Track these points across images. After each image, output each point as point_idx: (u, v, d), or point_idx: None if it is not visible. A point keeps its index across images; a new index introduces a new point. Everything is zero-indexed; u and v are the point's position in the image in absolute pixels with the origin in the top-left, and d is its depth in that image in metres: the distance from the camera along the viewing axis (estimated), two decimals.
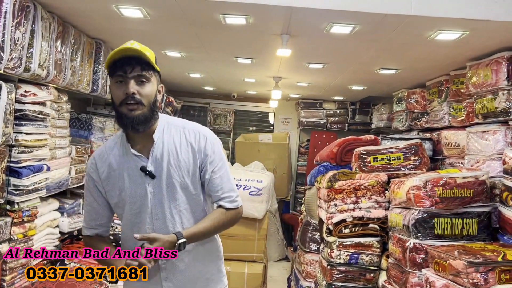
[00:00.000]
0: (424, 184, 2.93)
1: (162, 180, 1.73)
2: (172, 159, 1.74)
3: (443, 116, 4.06)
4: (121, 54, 1.61)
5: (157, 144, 1.74)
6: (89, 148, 3.72)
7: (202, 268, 1.88)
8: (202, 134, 1.80)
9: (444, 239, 2.87)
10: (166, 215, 1.76)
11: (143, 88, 1.64)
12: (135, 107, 1.62)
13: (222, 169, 1.81)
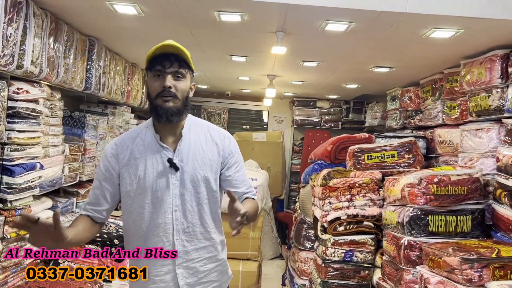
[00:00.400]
0: (419, 181, 2.94)
1: (186, 173, 1.80)
2: (198, 155, 1.82)
3: (437, 114, 4.08)
4: (162, 50, 1.70)
5: (185, 139, 1.82)
6: (82, 147, 3.69)
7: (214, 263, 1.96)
8: (226, 135, 1.95)
9: (438, 236, 2.88)
10: (187, 207, 1.81)
11: (178, 83, 1.74)
12: (170, 100, 1.72)
13: (243, 168, 1.97)
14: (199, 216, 1.85)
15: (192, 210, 1.83)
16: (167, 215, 1.81)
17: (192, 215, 1.83)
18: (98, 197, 1.86)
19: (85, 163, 3.76)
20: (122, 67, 4.48)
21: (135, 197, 1.81)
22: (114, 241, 3.37)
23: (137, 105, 5.26)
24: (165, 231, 1.84)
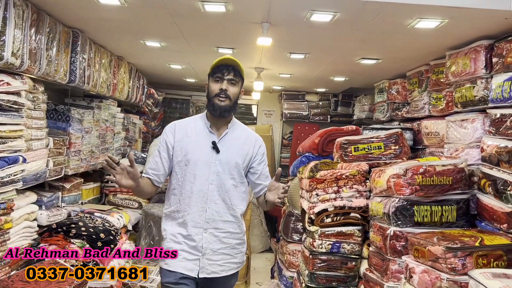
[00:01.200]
0: (404, 172, 2.95)
1: (224, 156, 2.27)
2: (236, 145, 2.31)
3: (423, 106, 4.10)
4: (223, 62, 2.27)
5: (229, 132, 2.32)
6: (67, 140, 3.64)
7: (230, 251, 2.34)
8: (259, 139, 2.43)
9: (423, 226, 2.90)
10: (220, 183, 2.25)
11: (232, 88, 2.26)
12: (224, 99, 2.22)
13: (267, 167, 2.44)
14: (227, 194, 2.27)
15: (224, 187, 2.26)
16: (204, 186, 2.23)
17: (225, 190, 2.26)
18: (157, 163, 2.29)
19: (70, 157, 3.72)
20: (107, 60, 4.42)
21: (183, 167, 2.25)
22: (100, 235, 3.34)
23: (124, 99, 5.21)
24: (201, 198, 2.23)
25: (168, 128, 2.35)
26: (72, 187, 3.91)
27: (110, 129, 4.73)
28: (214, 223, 2.25)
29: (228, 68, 2.26)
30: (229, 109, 2.26)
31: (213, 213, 2.25)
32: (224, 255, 2.30)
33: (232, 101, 2.26)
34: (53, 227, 3.26)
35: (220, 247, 2.28)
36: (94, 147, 4.23)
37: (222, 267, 2.31)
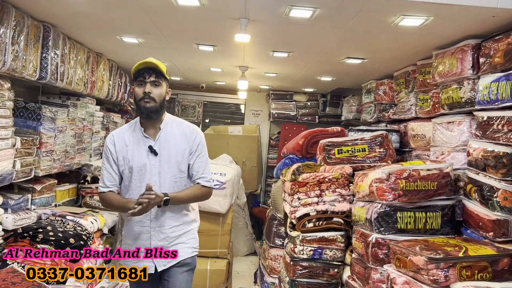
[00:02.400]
0: (387, 176, 2.82)
1: (162, 157, 2.38)
2: (172, 144, 2.41)
3: (410, 107, 3.98)
4: (143, 65, 2.35)
5: (163, 131, 2.41)
6: (37, 140, 3.47)
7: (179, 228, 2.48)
8: (195, 130, 2.50)
9: (407, 233, 2.78)
10: (162, 183, 2.38)
11: (156, 89, 2.35)
12: (149, 101, 2.32)
13: (204, 157, 2.49)
14: (169, 191, 2.36)
15: (166, 185, 2.38)
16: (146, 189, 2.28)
17: (167, 190, 2.35)
18: (112, 174, 2.43)
19: (41, 157, 3.55)
20: (84, 56, 4.25)
21: (127, 174, 2.40)
22: (70, 240, 3.18)
23: (104, 97, 5.04)
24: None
25: (108, 140, 2.47)
26: (44, 189, 3.74)
27: (88, 128, 4.56)
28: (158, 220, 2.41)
29: (149, 71, 2.34)
30: (155, 110, 2.34)
31: (157, 212, 2.39)
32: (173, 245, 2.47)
33: (157, 102, 2.35)
34: (19, 232, 3.09)
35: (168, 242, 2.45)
36: (69, 147, 4.06)
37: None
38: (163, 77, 2.39)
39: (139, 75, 2.35)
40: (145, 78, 2.33)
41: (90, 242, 3.41)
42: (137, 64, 2.36)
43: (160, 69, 2.36)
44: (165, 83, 2.41)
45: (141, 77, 2.34)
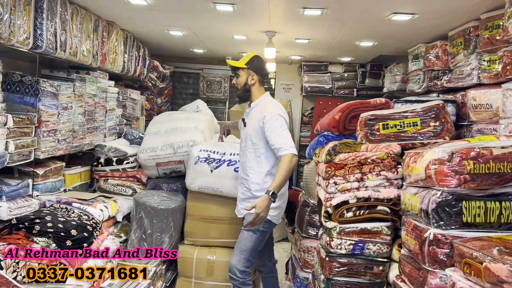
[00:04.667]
0: (450, 156, 2.22)
1: (246, 128, 3.05)
2: (252, 119, 3.01)
3: (470, 72, 3.30)
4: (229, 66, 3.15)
5: (252, 109, 3.06)
6: (35, 118, 3.06)
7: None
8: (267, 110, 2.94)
9: (475, 228, 2.19)
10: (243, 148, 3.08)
11: (236, 80, 3.08)
12: (237, 90, 3.11)
13: (276, 131, 2.86)
14: (245, 158, 3.02)
15: (245, 152, 3.04)
16: (240, 152, 3.14)
17: (243, 155, 3.05)
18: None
19: (42, 138, 3.15)
20: (91, 24, 3.80)
21: None
22: (71, 232, 2.78)
23: (119, 71, 4.61)
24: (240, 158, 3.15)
25: None
26: (48, 173, 3.36)
27: (101, 105, 4.15)
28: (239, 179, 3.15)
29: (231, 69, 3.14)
30: (239, 95, 3.11)
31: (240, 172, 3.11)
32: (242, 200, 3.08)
33: (241, 90, 3.06)
34: (13, 223, 2.71)
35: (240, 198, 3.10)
36: (77, 125, 3.65)
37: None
38: (239, 69, 3.02)
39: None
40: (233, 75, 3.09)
41: (96, 233, 3.02)
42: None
43: (235, 65, 3.04)
44: (243, 72, 3.02)
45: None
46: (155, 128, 4.24)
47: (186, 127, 4.13)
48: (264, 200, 2.68)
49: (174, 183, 4.03)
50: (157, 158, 4.01)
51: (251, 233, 2.92)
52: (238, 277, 2.90)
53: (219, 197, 3.63)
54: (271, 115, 2.88)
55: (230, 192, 3.52)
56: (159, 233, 3.56)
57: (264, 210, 2.67)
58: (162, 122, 4.33)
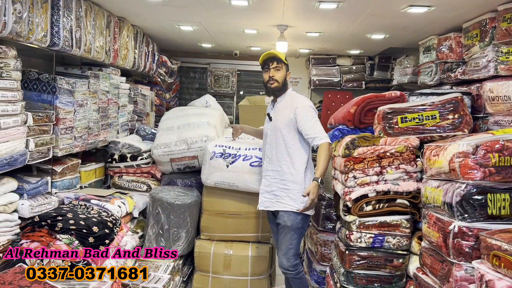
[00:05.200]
0: (474, 149, 2.22)
1: (274, 122, 3.07)
2: (280, 114, 3.04)
3: (486, 64, 3.29)
4: (267, 56, 3.06)
5: (279, 103, 3.10)
6: (53, 115, 3.07)
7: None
8: (299, 102, 3.03)
9: (501, 221, 2.20)
10: (271, 142, 3.05)
11: (277, 73, 3.03)
12: (273, 83, 3.03)
13: (310, 121, 2.95)
14: (276, 150, 3.03)
15: (273, 145, 3.05)
16: (266, 145, 3.12)
17: (272, 148, 3.05)
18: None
19: (60, 135, 3.16)
20: (104, 20, 3.79)
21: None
22: (93, 229, 2.79)
23: (130, 67, 4.60)
24: (265, 153, 3.13)
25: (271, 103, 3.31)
26: (65, 170, 3.37)
27: (113, 102, 4.14)
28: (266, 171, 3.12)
29: (271, 59, 3.04)
30: (278, 90, 3.06)
31: (267, 163, 3.08)
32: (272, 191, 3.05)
33: (280, 83, 3.04)
34: (36, 220, 2.73)
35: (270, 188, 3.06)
36: (92, 122, 3.65)
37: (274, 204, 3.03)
38: (282, 63, 3.03)
39: (264, 64, 3.05)
40: (269, 66, 3.02)
41: (116, 230, 3.03)
42: (262, 56, 3.06)
43: (279, 57, 3.03)
44: (284, 67, 3.05)
45: (266, 65, 3.04)
46: (168, 124, 4.23)
47: (199, 122, 4.13)
48: (316, 186, 2.79)
49: (189, 179, 4.04)
50: (171, 154, 4.01)
51: (292, 233, 2.95)
52: (292, 271, 2.99)
53: (235, 192, 3.64)
54: (303, 106, 2.96)
55: (246, 187, 3.53)
56: (176, 229, 3.57)
57: (316, 195, 2.80)
58: (174, 118, 4.32)
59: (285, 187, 2.97)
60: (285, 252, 2.96)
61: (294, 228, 2.91)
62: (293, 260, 2.97)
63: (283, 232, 2.95)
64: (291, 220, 2.91)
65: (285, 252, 2.96)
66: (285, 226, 2.93)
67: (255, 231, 3.70)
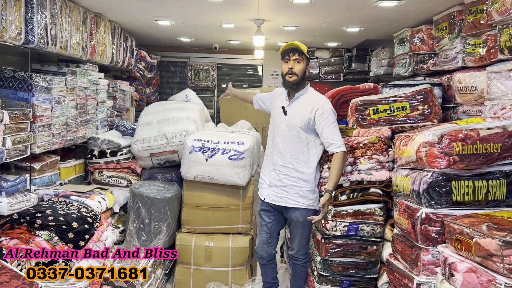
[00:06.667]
0: (439, 139, 2.33)
1: (289, 118, 2.95)
2: (298, 111, 2.92)
3: (455, 56, 3.40)
4: (289, 46, 2.90)
5: (297, 99, 2.96)
6: (29, 113, 3.07)
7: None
8: (320, 102, 2.91)
9: (464, 206, 2.31)
10: (285, 138, 2.95)
11: (297, 66, 2.88)
12: (292, 76, 2.89)
13: (330, 126, 2.85)
14: (290, 146, 2.94)
15: (287, 141, 2.94)
16: (276, 138, 3.01)
17: (286, 144, 2.95)
18: (263, 99, 3.34)
19: (37, 133, 3.16)
20: (80, 17, 3.78)
21: (270, 122, 3.13)
22: (73, 225, 2.83)
23: (108, 63, 4.59)
24: (275, 146, 3.01)
25: (275, 91, 3.24)
26: (44, 167, 3.38)
27: (92, 98, 4.14)
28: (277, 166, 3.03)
29: (292, 50, 2.89)
30: (297, 83, 2.91)
31: (279, 158, 2.98)
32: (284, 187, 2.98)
33: (299, 76, 2.89)
34: (15, 218, 2.75)
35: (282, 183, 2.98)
36: (70, 119, 3.66)
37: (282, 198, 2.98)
38: (303, 56, 2.89)
39: (285, 54, 2.91)
40: (290, 57, 2.88)
41: (96, 225, 3.06)
42: (284, 46, 2.91)
43: (302, 49, 2.87)
44: (305, 60, 2.92)
45: (287, 56, 2.90)
46: (147, 119, 4.25)
47: (178, 117, 4.16)
48: (328, 200, 2.77)
49: (169, 173, 4.08)
50: (150, 149, 4.04)
51: (305, 226, 3.00)
52: (303, 259, 3.10)
53: (215, 185, 3.69)
54: (325, 109, 2.86)
55: (225, 180, 3.58)
56: (157, 222, 3.62)
57: (327, 208, 2.80)
58: (154, 113, 4.34)
59: (295, 184, 2.94)
60: (299, 243, 3.04)
61: (307, 223, 2.96)
62: (306, 249, 3.09)
63: (296, 226, 3.01)
64: (303, 216, 2.94)
65: (299, 244, 3.04)
66: (298, 221, 2.98)
67: (235, 223, 3.76)
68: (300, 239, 3.04)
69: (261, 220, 3.19)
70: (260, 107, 3.40)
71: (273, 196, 3.01)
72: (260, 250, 3.15)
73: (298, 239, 3.05)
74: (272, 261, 3.19)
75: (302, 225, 2.99)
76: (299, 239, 3.04)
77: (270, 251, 3.13)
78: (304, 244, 3.07)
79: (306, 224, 2.98)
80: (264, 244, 3.13)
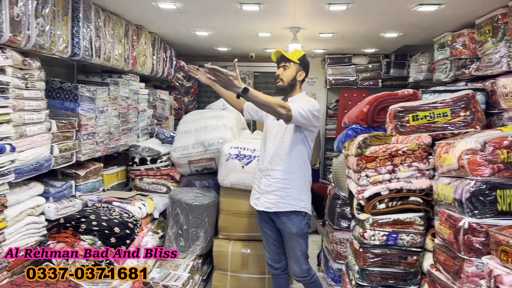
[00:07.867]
0: (482, 146, 2.25)
1: (280, 121, 2.83)
2: None
3: (499, 60, 3.28)
4: (275, 55, 3.01)
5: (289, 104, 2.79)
6: (76, 122, 3.22)
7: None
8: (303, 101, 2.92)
9: (510, 216, 2.21)
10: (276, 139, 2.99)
11: (284, 72, 2.97)
12: (279, 81, 2.99)
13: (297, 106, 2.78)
14: (279, 149, 2.96)
15: (277, 144, 2.98)
16: (268, 144, 3.04)
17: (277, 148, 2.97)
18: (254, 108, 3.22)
19: (82, 141, 3.31)
20: (122, 29, 3.93)
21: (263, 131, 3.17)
22: (114, 230, 2.93)
23: (148, 73, 4.74)
24: (266, 152, 3.05)
25: None
26: (88, 174, 3.52)
27: (133, 107, 4.29)
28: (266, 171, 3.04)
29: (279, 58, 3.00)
30: (283, 88, 2.99)
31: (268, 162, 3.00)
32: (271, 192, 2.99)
33: (286, 82, 2.97)
34: (61, 222, 2.88)
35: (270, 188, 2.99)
36: (112, 128, 3.80)
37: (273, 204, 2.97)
38: (291, 61, 2.94)
39: (277, 62, 3.02)
40: (278, 64, 2.99)
41: (137, 230, 3.16)
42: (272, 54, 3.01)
43: (286, 56, 2.95)
44: (294, 66, 2.95)
45: (278, 63, 3.01)
46: (186, 127, 4.36)
47: (215, 125, 4.23)
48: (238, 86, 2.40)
49: (206, 180, 4.15)
50: (189, 156, 4.13)
51: (299, 239, 2.99)
52: (306, 277, 3.04)
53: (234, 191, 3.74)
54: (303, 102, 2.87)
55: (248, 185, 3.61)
56: (195, 228, 3.69)
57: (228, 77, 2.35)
58: (191, 121, 4.44)
59: (285, 186, 2.95)
60: (295, 259, 2.99)
61: (300, 234, 2.93)
62: (305, 266, 3.02)
63: (289, 240, 2.96)
64: (296, 226, 2.93)
65: (296, 260, 2.99)
66: (291, 233, 2.95)
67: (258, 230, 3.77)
68: (296, 253, 3.00)
69: (264, 233, 3.17)
70: (251, 117, 3.36)
71: (266, 203, 3.01)
72: (272, 262, 3.16)
73: (294, 253, 3.00)
74: (285, 271, 3.19)
75: (296, 238, 2.96)
76: (295, 253, 3.00)
77: (282, 261, 3.14)
78: (301, 260, 3.01)
79: (301, 236, 2.96)
80: (275, 255, 3.13)
